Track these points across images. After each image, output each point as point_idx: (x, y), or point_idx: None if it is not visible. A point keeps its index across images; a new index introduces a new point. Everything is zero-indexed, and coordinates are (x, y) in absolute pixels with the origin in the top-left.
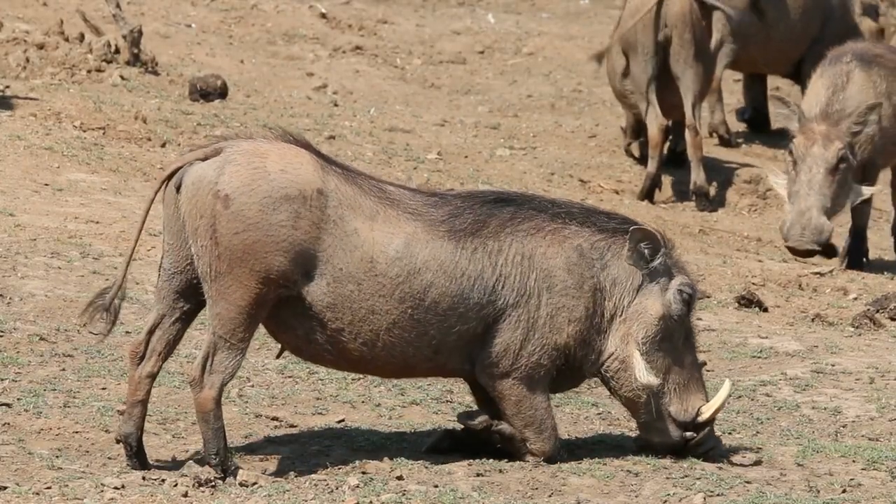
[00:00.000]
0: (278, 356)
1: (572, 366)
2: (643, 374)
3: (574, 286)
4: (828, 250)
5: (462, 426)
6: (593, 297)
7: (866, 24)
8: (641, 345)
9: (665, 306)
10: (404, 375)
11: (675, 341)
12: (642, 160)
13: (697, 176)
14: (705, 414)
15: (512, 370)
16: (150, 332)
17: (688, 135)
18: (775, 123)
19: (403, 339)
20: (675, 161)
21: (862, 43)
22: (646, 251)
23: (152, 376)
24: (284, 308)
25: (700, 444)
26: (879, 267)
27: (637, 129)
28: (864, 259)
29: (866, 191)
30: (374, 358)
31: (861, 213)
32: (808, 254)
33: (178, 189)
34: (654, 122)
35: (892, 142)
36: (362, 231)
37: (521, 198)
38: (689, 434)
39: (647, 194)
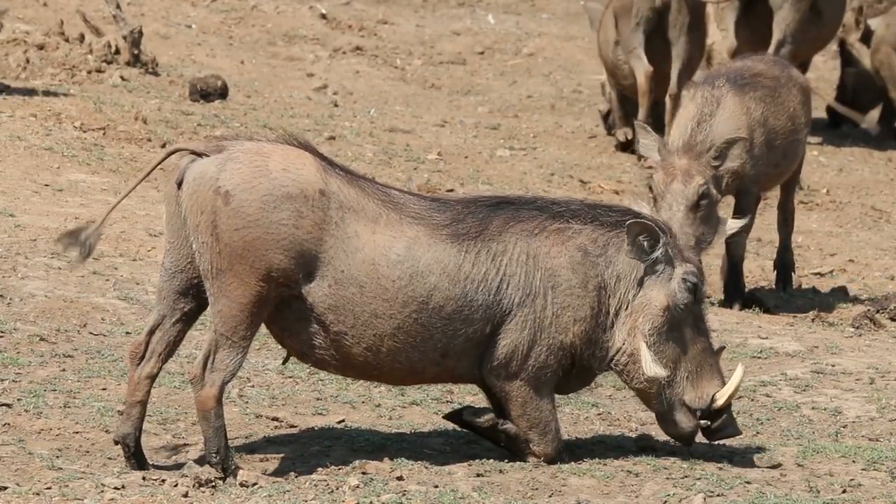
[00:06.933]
0: (284, 362)
1: (580, 365)
2: (649, 366)
3: (579, 285)
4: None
5: (468, 422)
6: (598, 295)
7: None
8: (648, 337)
9: (669, 296)
10: (413, 382)
11: (684, 330)
12: (628, 148)
13: None
14: (720, 400)
15: (520, 371)
16: (151, 333)
17: (668, 102)
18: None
19: (408, 343)
20: None
21: (742, 61)
22: (645, 243)
23: (152, 377)
24: (288, 311)
25: (720, 429)
26: (880, 268)
27: (622, 106)
28: (742, 296)
29: (733, 224)
30: (380, 364)
31: (736, 246)
32: None
33: (179, 185)
34: (641, 70)
35: (773, 164)
36: (364, 234)
37: (521, 199)
38: (703, 423)
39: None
